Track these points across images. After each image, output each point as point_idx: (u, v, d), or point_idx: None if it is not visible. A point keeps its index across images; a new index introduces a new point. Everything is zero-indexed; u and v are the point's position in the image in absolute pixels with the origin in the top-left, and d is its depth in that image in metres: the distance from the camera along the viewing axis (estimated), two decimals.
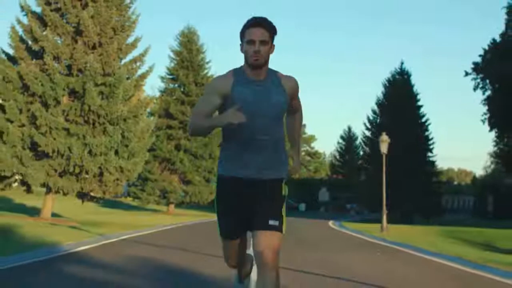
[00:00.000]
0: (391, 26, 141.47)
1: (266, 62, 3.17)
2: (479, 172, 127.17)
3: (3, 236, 12.06)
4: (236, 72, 3.21)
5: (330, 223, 29.02)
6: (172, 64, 36.37)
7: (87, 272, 6.81)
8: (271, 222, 3.10)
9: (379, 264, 9.25)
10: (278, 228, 3.11)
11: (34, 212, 22.51)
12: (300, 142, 3.59)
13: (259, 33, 3.08)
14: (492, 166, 72.07)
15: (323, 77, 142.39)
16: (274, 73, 3.25)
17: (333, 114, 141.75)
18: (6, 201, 33.21)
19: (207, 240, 12.61)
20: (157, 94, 37.27)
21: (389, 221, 34.15)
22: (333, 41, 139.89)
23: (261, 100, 3.14)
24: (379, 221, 27.05)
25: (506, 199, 49.20)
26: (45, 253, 8.81)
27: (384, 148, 21.13)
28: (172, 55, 36.47)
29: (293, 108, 3.42)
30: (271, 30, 3.14)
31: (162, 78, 36.41)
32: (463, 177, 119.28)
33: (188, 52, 36.20)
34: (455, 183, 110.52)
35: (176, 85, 36.43)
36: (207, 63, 36.84)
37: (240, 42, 3.17)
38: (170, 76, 36.50)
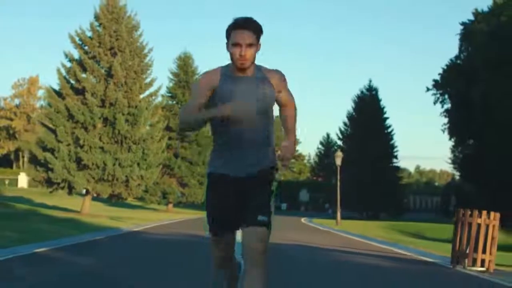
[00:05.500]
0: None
1: (252, 62, 3.13)
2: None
3: (70, 222, 17.65)
4: (223, 69, 3.19)
5: (303, 219, 34.84)
6: (171, 84, 42.68)
7: (163, 238, 12.88)
8: (260, 218, 3.11)
9: (313, 237, 15.65)
10: (267, 223, 3.13)
11: (56, 208, 28.08)
12: (295, 131, 3.42)
13: (245, 36, 3.04)
14: None
15: (307, 82, 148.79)
16: (259, 68, 3.21)
17: (317, 117, 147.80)
18: (29, 201, 38.89)
19: None
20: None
21: (358, 218, 40.27)
22: (324, 43, 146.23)
23: (247, 96, 3.11)
24: (348, 218, 32.89)
25: (466, 200, 55.55)
26: (117, 231, 14.70)
27: (338, 161, 27.37)
28: (171, 76, 42.82)
29: (283, 102, 3.33)
30: (258, 31, 3.10)
31: (162, 96, 42.51)
32: (445, 178, 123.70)
33: (185, 74, 42.54)
34: (436, 184, 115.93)
35: (175, 102, 42.75)
36: None
37: (226, 41, 3.11)
38: (169, 94, 42.78)
